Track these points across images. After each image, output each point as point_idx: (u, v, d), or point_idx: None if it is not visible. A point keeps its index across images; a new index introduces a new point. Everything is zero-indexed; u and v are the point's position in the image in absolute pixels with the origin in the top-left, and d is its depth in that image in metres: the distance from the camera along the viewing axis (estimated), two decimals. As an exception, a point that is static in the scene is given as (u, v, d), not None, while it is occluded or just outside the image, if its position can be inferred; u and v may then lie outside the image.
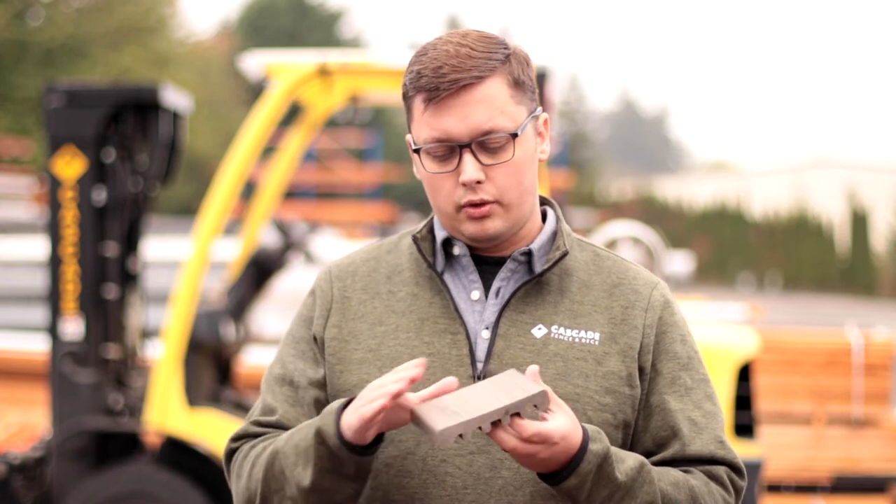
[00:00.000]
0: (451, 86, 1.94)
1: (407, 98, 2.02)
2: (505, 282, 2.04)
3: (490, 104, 1.96)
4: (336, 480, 1.91)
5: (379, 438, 1.90)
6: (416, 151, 2.00)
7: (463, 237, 2.03)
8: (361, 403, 1.85)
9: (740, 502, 2.05)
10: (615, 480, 1.89)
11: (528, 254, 2.05)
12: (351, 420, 1.86)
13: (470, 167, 1.96)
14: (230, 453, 2.10)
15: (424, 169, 2.01)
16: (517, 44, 2.06)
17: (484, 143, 1.97)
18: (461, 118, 1.95)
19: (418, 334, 2.01)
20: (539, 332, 2.01)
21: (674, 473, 1.97)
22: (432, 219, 2.10)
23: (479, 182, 1.97)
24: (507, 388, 1.83)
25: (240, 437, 2.09)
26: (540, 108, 2.06)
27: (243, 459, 2.05)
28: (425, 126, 1.98)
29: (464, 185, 1.97)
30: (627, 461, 1.91)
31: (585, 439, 1.87)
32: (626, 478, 1.90)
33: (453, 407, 1.82)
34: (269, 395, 2.09)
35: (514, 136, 1.98)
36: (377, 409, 1.82)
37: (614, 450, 1.91)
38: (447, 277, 2.06)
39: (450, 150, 1.97)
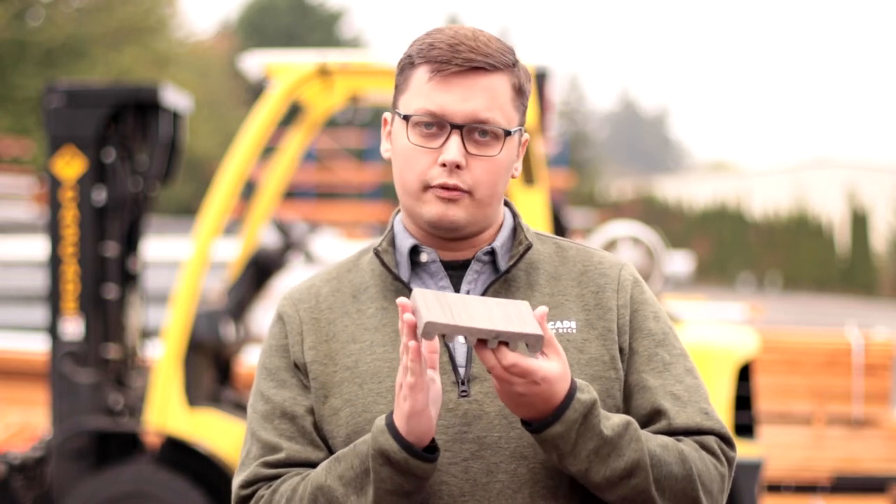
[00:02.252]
0: (465, 63, 1.93)
1: (407, 68, 1.99)
2: (472, 284, 2.02)
3: (493, 96, 1.95)
4: (396, 499, 1.88)
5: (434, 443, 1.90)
6: (406, 119, 1.97)
7: (422, 220, 1.99)
8: (401, 398, 1.84)
9: (733, 472, 2.01)
10: (601, 433, 1.87)
11: (492, 253, 2.03)
12: (407, 423, 1.85)
13: (454, 148, 1.94)
14: (244, 500, 1.98)
15: (408, 140, 1.97)
16: (521, 58, 2.05)
17: (474, 131, 1.95)
18: (463, 98, 1.94)
19: (395, 346, 1.98)
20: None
21: (662, 438, 1.95)
22: (392, 230, 2.06)
23: (458, 167, 1.95)
24: (511, 315, 1.82)
25: (251, 483, 1.98)
26: (523, 128, 2.04)
27: None
28: (422, 97, 1.96)
29: (443, 164, 1.95)
30: (613, 418, 1.90)
31: (573, 388, 1.86)
32: (613, 433, 1.88)
33: (452, 308, 1.80)
34: (262, 433, 2.00)
35: (508, 134, 1.97)
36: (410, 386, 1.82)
37: (601, 409, 1.90)
38: (414, 287, 2.01)
39: (439, 127, 1.95)
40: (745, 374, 5.54)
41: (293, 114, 6.71)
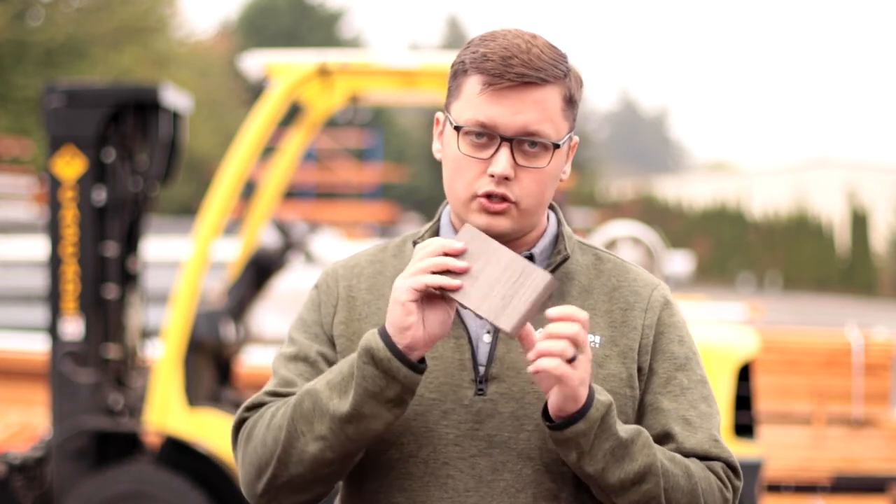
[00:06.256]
0: (517, 79, 1.94)
1: (460, 74, 2.00)
2: None
3: (543, 109, 1.97)
4: (376, 405, 1.89)
5: (423, 361, 1.91)
6: (457, 129, 1.99)
7: None
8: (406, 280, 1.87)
9: (738, 501, 2.04)
10: (616, 433, 1.90)
11: (530, 258, 2.05)
12: (400, 333, 1.88)
13: (503, 161, 1.96)
14: (241, 422, 2.06)
15: (458, 149, 1.99)
16: (574, 63, 2.05)
17: (524, 144, 1.97)
18: (513, 112, 1.95)
19: None
20: (540, 336, 2.01)
21: (669, 452, 1.98)
22: (438, 223, 2.10)
23: (506, 178, 1.97)
24: (511, 270, 1.87)
25: (255, 406, 2.06)
26: (574, 133, 2.06)
27: (258, 419, 2.02)
28: (472, 108, 1.97)
29: (491, 175, 1.97)
30: (627, 425, 1.94)
31: (591, 388, 1.89)
32: (627, 435, 1.91)
33: (493, 293, 1.85)
34: (283, 370, 2.07)
35: (556, 147, 1.99)
36: (425, 284, 1.85)
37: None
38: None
39: (489, 138, 1.97)
40: (745, 374, 5.53)
41: (293, 114, 6.71)
